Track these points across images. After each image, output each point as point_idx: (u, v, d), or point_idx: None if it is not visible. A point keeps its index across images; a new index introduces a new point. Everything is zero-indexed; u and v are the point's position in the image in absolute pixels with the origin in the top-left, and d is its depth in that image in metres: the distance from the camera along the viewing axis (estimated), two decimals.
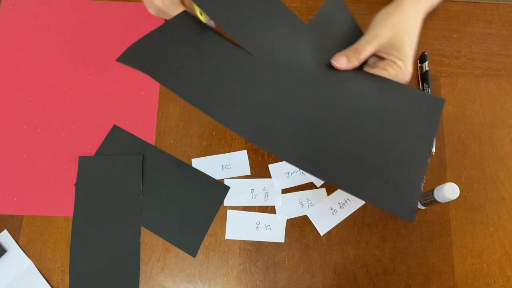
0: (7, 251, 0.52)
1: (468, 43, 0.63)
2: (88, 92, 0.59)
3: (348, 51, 0.47)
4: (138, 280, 0.52)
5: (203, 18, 0.52)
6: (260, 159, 0.57)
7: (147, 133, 0.57)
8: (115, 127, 0.58)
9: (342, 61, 0.47)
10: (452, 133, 0.58)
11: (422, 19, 0.50)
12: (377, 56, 0.50)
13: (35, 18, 0.63)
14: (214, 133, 0.58)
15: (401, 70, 0.46)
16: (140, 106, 0.59)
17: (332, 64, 0.48)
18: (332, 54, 0.49)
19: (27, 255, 0.52)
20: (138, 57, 0.45)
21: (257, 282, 0.52)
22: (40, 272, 0.52)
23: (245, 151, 0.57)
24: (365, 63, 0.50)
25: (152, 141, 0.57)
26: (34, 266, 0.52)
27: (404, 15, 0.48)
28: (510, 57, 0.62)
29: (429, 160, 0.44)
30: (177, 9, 0.51)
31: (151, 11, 0.53)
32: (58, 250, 0.53)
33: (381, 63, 0.48)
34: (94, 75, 0.60)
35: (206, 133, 0.58)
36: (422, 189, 0.43)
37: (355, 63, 0.47)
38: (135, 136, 0.57)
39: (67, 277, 0.52)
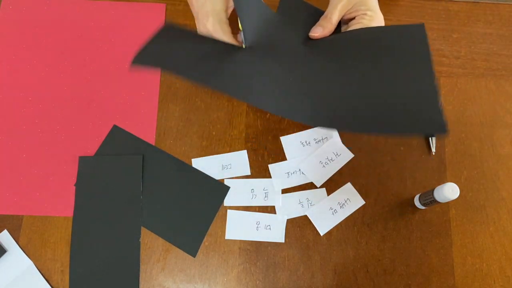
0: (7, 251, 0.52)
1: (468, 43, 0.63)
2: (88, 92, 0.59)
3: (320, 21, 0.51)
4: (138, 280, 0.52)
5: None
6: (260, 159, 0.57)
7: (147, 133, 0.57)
8: (115, 127, 0.58)
9: (318, 30, 0.50)
10: (452, 133, 0.58)
11: None
12: (347, 21, 0.53)
13: (35, 18, 0.63)
14: (214, 133, 0.58)
15: (373, 18, 0.50)
16: (140, 106, 0.59)
17: (310, 36, 0.51)
18: (305, 34, 0.52)
19: (27, 255, 0.52)
20: (149, 58, 0.47)
21: (257, 282, 0.52)
22: (40, 272, 0.52)
23: (245, 151, 0.57)
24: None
25: (152, 141, 0.57)
26: (34, 266, 0.52)
27: None
28: (510, 57, 0.62)
29: (436, 82, 0.45)
30: (225, 36, 0.50)
31: (201, 31, 0.53)
32: (58, 250, 0.53)
33: (353, 21, 0.51)
34: (94, 75, 0.60)
35: (206, 133, 0.58)
36: (441, 104, 0.44)
37: (330, 27, 0.50)
38: (135, 136, 0.57)
39: (67, 277, 0.52)
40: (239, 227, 0.54)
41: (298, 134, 0.58)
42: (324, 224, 0.54)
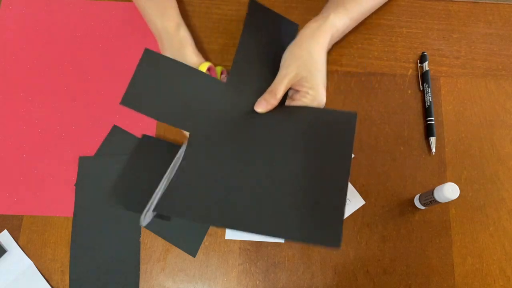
0: (7, 251, 0.52)
1: (468, 43, 0.63)
2: (88, 92, 0.59)
3: (265, 95, 0.51)
4: (138, 280, 0.52)
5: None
6: None
7: (147, 133, 0.57)
8: (115, 127, 0.58)
9: (262, 105, 0.51)
10: (452, 133, 0.58)
11: (325, 48, 0.53)
12: (293, 92, 0.53)
13: (35, 18, 0.63)
14: None
15: (314, 97, 0.50)
16: None
17: (255, 110, 0.51)
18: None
19: (27, 255, 0.52)
20: (136, 100, 0.49)
21: (257, 282, 0.52)
22: (40, 272, 0.52)
23: None
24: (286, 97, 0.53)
25: None
26: (34, 266, 0.52)
27: (306, 48, 0.52)
28: (510, 57, 0.62)
29: (348, 180, 0.43)
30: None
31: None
32: (58, 250, 0.53)
33: (297, 95, 0.51)
34: (94, 75, 0.60)
35: None
36: (344, 211, 0.41)
37: (274, 102, 0.51)
38: (135, 136, 0.57)
39: (67, 277, 0.52)
40: None
41: None
42: None
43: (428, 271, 0.53)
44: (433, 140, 0.57)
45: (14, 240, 0.53)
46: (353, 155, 0.57)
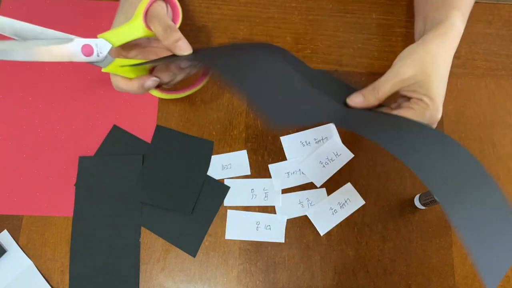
0: (7, 251, 0.52)
1: (468, 43, 0.63)
2: (88, 92, 0.59)
3: (365, 90, 0.44)
4: (138, 280, 0.52)
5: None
6: (260, 159, 0.57)
7: (147, 133, 0.57)
8: (115, 127, 0.58)
9: (357, 99, 0.43)
10: (452, 133, 0.58)
11: (450, 57, 0.45)
12: (402, 97, 0.45)
13: (35, 18, 0.63)
14: (214, 133, 0.58)
15: (428, 107, 0.42)
16: (140, 106, 0.59)
17: (347, 102, 0.44)
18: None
19: (27, 255, 0.52)
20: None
21: (257, 282, 0.52)
22: (40, 272, 0.52)
23: (245, 151, 0.57)
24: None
25: None
26: (34, 266, 0.52)
27: (430, 51, 0.44)
28: (510, 57, 0.62)
29: None
30: (168, 34, 0.45)
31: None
32: (58, 250, 0.53)
33: (407, 103, 0.43)
34: (94, 75, 0.60)
35: (206, 133, 0.58)
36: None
37: (372, 100, 0.43)
38: (135, 136, 0.57)
39: (67, 277, 0.52)
40: (239, 227, 0.54)
41: (298, 134, 0.58)
42: (324, 224, 0.54)
43: (428, 271, 0.53)
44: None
45: (14, 240, 0.53)
46: (353, 155, 0.57)
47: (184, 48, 0.43)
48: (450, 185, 0.34)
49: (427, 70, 0.43)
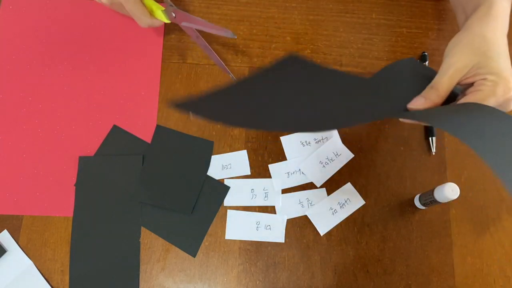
0: (7, 251, 0.52)
1: None
2: (88, 92, 0.59)
3: (425, 92, 0.41)
4: (138, 280, 0.52)
5: (165, 18, 0.55)
6: (260, 159, 0.57)
7: (147, 133, 0.57)
8: (115, 127, 0.58)
9: (419, 102, 0.40)
10: None
11: (505, 31, 0.43)
12: (465, 86, 0.43)
13: (35, 18, 0.63)
14: (214, 133, 0.58)
15: (496, 83, 0.38)
16: (140, 106, 0.59)
17: (408, 108, 0.42)
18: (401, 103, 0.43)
19: (27, 255, 0.52)
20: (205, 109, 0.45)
21: (257, 282, 0.52)
22: (40, 272, 0.52)
23: (245, 151, 0.57)
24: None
25: None
26: (34, 266, 0.52)
27: (476, 33, 0.41)
28: (510, 57, 0.62)
29: None
30: (135, 4, 0.51)
31: (104, 0, 0.54)
32: (58, 250, 0.53)
33: (471, 88, 0.40)
34: (94, 75, 0.60)
35: (206, 133, 0.58)
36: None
37: (436, 100, 0.40)
38: (135, 136, 0.57)
39: (67, 277, 0.52)
40: (239, 227, 0.54)
41: (298, 134, 0.58)
42: (324, 224, 0.54)
43: (428, 271, 0.53)
44: (433, 140, 0.57)
45: (14, 240, 0.53)
46: (353, 155, 0.57)
47: None
48: None
49: (481, 50, 0.40)
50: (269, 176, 0.56)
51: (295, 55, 0.46)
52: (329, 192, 0.55)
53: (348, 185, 0.56)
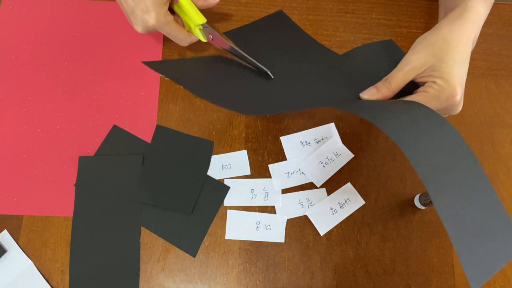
0: (7, 251, 0.52)
1: None
2: (88, 92, 0.59)
3: (378, 84, 0.44)
4: (138, 280, 0.52)
5: (202, 37, 0.56)
6: (260, 159, 0.57)
7: (147, 133, 0.57)
8: (115, 127, 0.58)
9: (371, 92, 0.43)
10: None
11: (471, 39, 0.44)
12: (418, 82, 0.45)
13: (35, 18, 0.63)
14: (214, 133, 0.58)
15: (443, 88, 0.40)
16: (140, 106, 0.59)
17: (360, 96, 0.45)
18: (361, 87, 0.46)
19: (27, 255, 0.52)
20: (163, 67, 0.49)
21: (257, 282, 0.52)
22: (40, 272, 0.52)
23: (245, 151, 0.57)
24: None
25: None
26: (34, 266, 0.52)
27: (442, 35, 0.43)
28: (510, 57, 0.62)
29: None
30: (171, 27, 0.50)
31: (139, 29, 0.51)
32: (58, 250, 0.53)
33: (421, 87, 0.43)
34: (94, 75, 0.60)
35: (206, 133, 0.58)
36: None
37: (385, 92, 0.43)
38: (135, 136, 0.57)
39: (67, 277, 0.52)
40: (239, 227, 0.54)
41: (298, 134, 0.58)
42: (324, 224, 0.54)
43: (428, 271, 0.53)
44: None
45: (14, 240, 0.53)
46: (353, 155, 0.57)
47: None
48: (441, 178, 0.33)
49: (439, 53, 0.42)
50: (269, 176, 0.56)
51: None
52: (329, 192, 0.55)
53: (348, 185, 0.56)
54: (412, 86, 0.45)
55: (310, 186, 0.56)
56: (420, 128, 0.37)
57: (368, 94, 0.43)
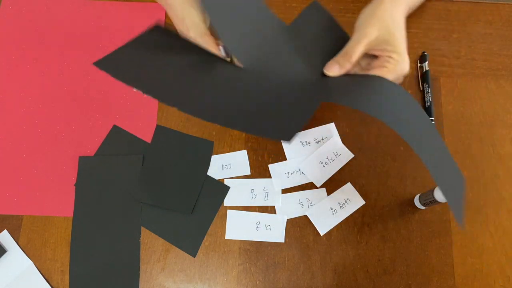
0: (7, 251, 0.52)
1: (468, 43, 0.63)
2: (88, 92, 0.59)
3: (338, 57, 0.47)
4: (138, 280, 0.52)
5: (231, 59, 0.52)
6: (260, 159, 0.57)
7: (147, 133, 0.57)
8: (115, 127, 0.58)
9: (334, 68, 0.47)
10: (452, 133, 0.58)
11: (404, 16, 0.50)
12: (370, 57, 0.49)
13: (35, 18, 0.63)
14: (214, 133, 0.58)
15: (399, 62, 0.46)
16: (140, 106, 0.59)
17: (325, 73, 0.47)
18: (318, 60, 0.49)
19: (27, 255, 0.52)
20: (115, 65, 0.47)
21: (257, 282, 0.52)
22: (40, 272, 0.52)
23: (245, 151, 0.57)
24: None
25: None
26: (34, 266, 0.52)
27: (387, 9, 0.47)
28: (510, 57, 0.62)
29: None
30: (204, 40, 0.50)
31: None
32: (58, 250, 0.53)
33: (377, 62, 0.47)
34: (94, 75, 0.60)
35: (206, 133, 0.58)
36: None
37: (348, 66, 0.46)
38: (135, 136, 0.57)
39: (67, 277, 0.52)
40: (239, 227, 0.54)
41: (298, 134, 0.58)
42: (324, 224, 0.54)
43: (428, 271, 0.53)
44: None
45: (14, 240, 0.53)
46: (353, 155, 0.57)
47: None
48: (416, 132, 0.42)
49: (390, 28, 0.46)
50: (269, 176, 0.56)
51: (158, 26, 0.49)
52: (329, 192, 0.55)
53: (348, 185, 0.56)
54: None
55: (310, 186, 0.56)
56: (396, 104, 0.44)
57: (332, 70, 0.47)
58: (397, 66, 0.46)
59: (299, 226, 0.54)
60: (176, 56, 0.49)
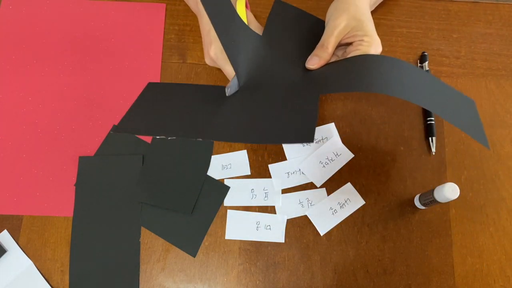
0: (7, 251, 0.52)
1: (468, 43, 0.63)
2: (88, 92, 0.59)
3: (316, 51, 0.52)
4: (138, 280, 0.52)
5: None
6: (260, 159, 0.57)
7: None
8: (115, 127, 0.58)
9: (314, 61, 0.51)
10: (452, 133, 0.58)
11: (368, 4, 0.54)
12: (344, 46, 0.53)
13: (35, 17, 0.63)
14: None
15: (370, 43, 0.50)
16: None
17: (307, 67, 0.52)
18: (301, 56, 0.53)
19: (27, 255, 0.52)
20: (132, 125, 0.54)
21: (257, 282, 0.52)
22: (40, 272, 0.52)
23: (245, 151, 0.57)
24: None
25: None
26: (34, 266, 0.52)
27: (351, 1, 0.52)
28: (510, 57, 0.62)
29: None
30: (226, 64, 0.52)
31: (207, 61, 0.55)
32: (58, 250, 0.53)
33: (351, 48, 0.51)
34: (94, 75, 0.60)
35: None
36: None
37: (326, 57, 0.51)
38: (135, 136, 0.57)
39: (67, 277, 0.52)
40: (239, 227, 0.54)
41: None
42: (324, 224, 0.54)
43: (428, 271, 0.53)
44: (433, 140, 0.57)
45: (14, 240, 0.53)
46: (353, 155, 0.57)
47: None
48: (415, 87, 0.46)
49: (356, 15, 0.51)
50: (269, 176, 0.56)
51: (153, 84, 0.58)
52: (329, 192, 0.55)
53: (348, 185, 0.56)
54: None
55: (310, 186, 0.56)
56: (387, 71, 0.48)
57: (313, 63, 0.51)
58: (370, 47, 0.50)
59: (299, 226, 0.54)
60: (179, 98, 0.55)
